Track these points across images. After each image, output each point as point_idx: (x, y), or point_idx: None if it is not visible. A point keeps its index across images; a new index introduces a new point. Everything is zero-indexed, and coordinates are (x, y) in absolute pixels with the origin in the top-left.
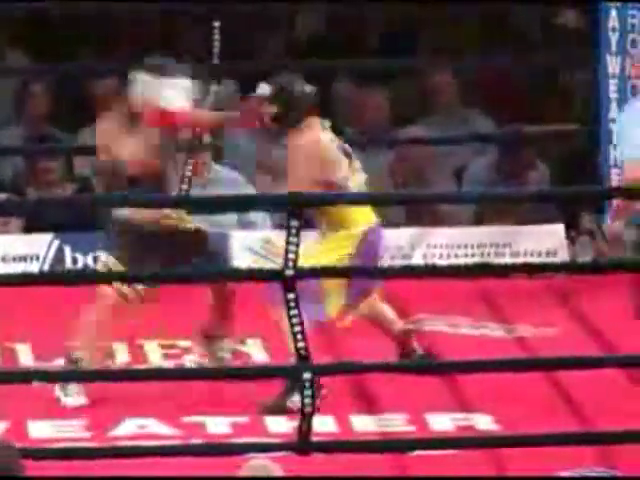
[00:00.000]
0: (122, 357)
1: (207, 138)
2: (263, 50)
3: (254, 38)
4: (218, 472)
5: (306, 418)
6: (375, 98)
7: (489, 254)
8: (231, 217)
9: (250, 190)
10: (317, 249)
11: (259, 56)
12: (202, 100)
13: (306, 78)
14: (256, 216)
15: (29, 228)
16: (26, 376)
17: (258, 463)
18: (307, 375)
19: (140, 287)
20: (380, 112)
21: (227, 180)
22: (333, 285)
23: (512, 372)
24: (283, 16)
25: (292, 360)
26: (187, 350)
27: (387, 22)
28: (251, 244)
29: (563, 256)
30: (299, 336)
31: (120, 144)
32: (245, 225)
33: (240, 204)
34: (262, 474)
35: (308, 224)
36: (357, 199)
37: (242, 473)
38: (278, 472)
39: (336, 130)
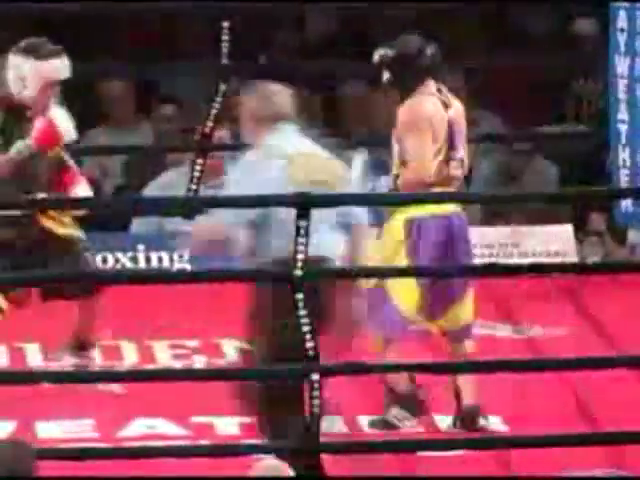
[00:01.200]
0: (131, 357)
1: (225, 139)
2: (272, 50)
3: (263, 38)
4: (227, 473)
5: (314, 418)
6: (385, 99)
7: (497, 254)
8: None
9: None
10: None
11: (268, 57)
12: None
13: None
14: None
15: None
16: (34, 376)
17: (269, 463)
18: (315, 376)
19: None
20: (390, 113)
21: None
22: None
23: (521, 372)
24: (292, 16)
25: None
26: (195, 350)
27: (398, 23)
28: None
29: (572, 256)
30: (308, 336)
31: None
32: None
33: (248, 204)
34: (273, 474)
35: None
36: (363, 199)
37: (253, 473)
38: (289, 472)
39: (345, 131)
